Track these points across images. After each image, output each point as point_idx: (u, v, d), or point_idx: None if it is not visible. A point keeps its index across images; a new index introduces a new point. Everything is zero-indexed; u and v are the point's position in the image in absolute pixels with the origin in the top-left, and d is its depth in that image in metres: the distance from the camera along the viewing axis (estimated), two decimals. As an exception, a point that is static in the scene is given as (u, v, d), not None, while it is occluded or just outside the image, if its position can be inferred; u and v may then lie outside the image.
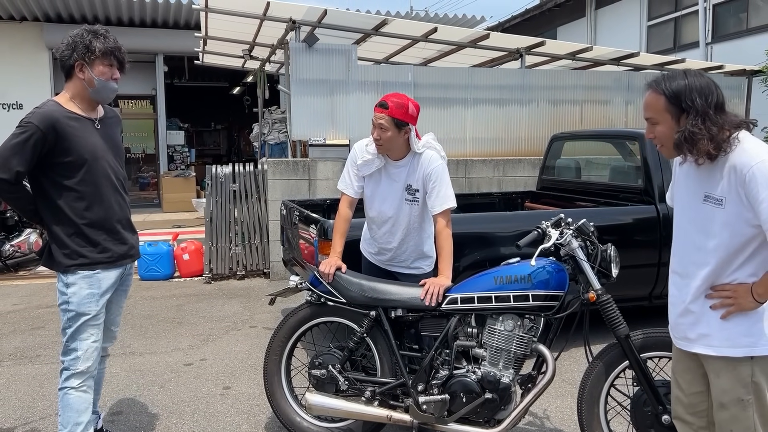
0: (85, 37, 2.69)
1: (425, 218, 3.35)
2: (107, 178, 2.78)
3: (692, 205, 2.14)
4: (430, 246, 3.43)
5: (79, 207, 2.71)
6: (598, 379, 2.76)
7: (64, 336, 2.76)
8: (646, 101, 2.13)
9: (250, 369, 4.35)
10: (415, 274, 3.40)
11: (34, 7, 11.21)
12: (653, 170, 4.86)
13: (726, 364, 2.06)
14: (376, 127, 3.16)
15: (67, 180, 2.68)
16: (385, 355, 3.05)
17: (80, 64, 2.70)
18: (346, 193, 3.38)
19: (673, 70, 2.17)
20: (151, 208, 13.24)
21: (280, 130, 9.62)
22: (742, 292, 2.02)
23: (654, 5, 13.44)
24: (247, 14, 7.82)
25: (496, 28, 16.73)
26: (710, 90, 2.03)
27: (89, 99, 2.77)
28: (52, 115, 2.63)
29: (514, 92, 8.19)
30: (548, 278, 2.78)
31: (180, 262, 7.41)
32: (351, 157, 3.39)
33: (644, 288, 4.77)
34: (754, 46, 10.30)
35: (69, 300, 2.72)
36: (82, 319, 2.73)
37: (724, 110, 2.04)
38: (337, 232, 3.33)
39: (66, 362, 2.76)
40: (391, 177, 3.30)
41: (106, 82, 2.74)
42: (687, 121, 2.03)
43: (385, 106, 3.14)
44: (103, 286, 2.78)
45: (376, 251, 3.47)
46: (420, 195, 3.26)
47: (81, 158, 2.68)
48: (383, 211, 3.33)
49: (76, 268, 2.72)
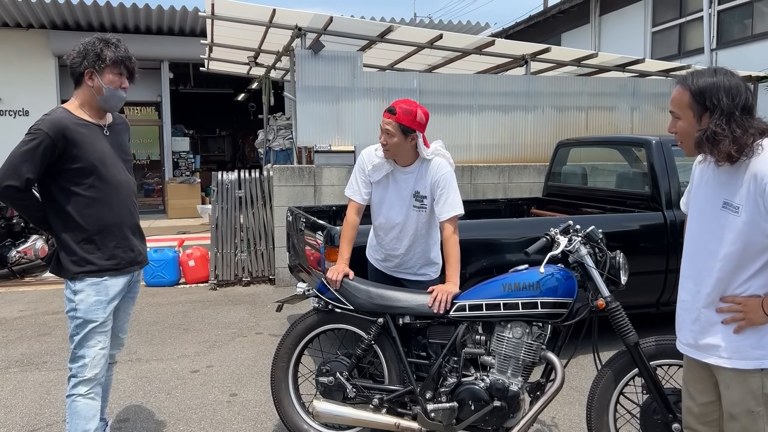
0: (96, 46, 2.70)
1: (432, 225, 3.35)
2: (116, 185, 2.79)
3: (710, 211, 2.10)
4: (437, 253, 3.42)
5: (87, 213, 2.71)
6: (607, 387, 2.75)
7: (71, 343, 2.76)
8: (673, 95, 2.11)
9: (256, 376, 4.34)
10: (422, 280, 3.40)
11: (41, 15, 11.28)
12: (660, 177, 4.85)
13: (736, 376, 2.03)
14: (383, 132, 3.17)
15: (77, 186, 2.68)
16: (392, 363, 3.05)
17: (90, 72, 2.71)
18: (354, 200, 3.38)
19: (705, 68, 2.12)
20: (156, 214, 13.27)
21: (285, 137, 9.65)
22: (753, 307, 1.98)
23: (658, 11, 13.45)
24: (253, 21, 7.85)
25: (500, 34, 16.75)
26: (739, 91, 1.99)
27: (98, 107, 2.79)
28: (61, 122, 2.64)
29: (520, 99, 8.19)
30: (557, 285, 2.77)
31: (185, 269, 7.41)
32: (359, 164, 3.39)
33: (652, 295, 4.75)
34: (759, 52, 10.30)
35: (77, 307, 2.72)
36: (90, 326, 2.73)
37: (751, 113, 1.99)
38: (345, 239, 3.32)
39: (74, 369, 2.75)
40: (399, 183, 3.30)
41: (115, 90, 2.76)
42: (711, 120, 2.00)
43: (393, 112, 3.15)
44: (110, 293, 2.78)
45: (383, 258, 3.46)
46: (428, 202, 3.26)
47: (90, 165, 2.69)
48: (391, 217, 3.33)
49: (84, 275, 2.72)
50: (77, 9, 10.90)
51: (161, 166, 13.81)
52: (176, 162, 14.07)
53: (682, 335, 2.22)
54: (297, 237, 5.26)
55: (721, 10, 11.83)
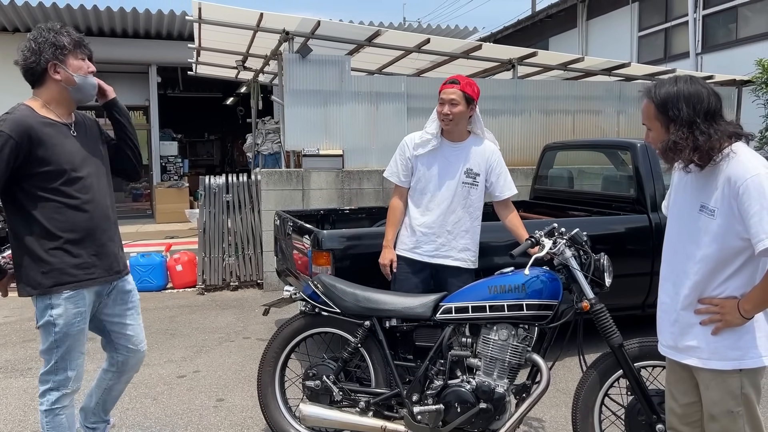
0: (47, 36, 2.49)
1: (478, 206, 3.53)
2: (89, 187, 2.59)
3: (687, 214, 2.14)
4: (477, 240, 3.58)
5: (58, 219, 2.50)
6: (593, 389, 2.77)
7: (50, 356, 2.58)
8: (642, 108, 2.15)
9: (243, 381, 4.32)
10: (460, 267, 3.50)
11: (27, 19, 11.20)
12: (645, 180, 4.89)
13: (715, 377, 2.06)
14: (447, 102, 3.35)
15: (45, 191, 2.48)
16: (379, 366, 3.05)
17: (53, 65, 2.50)
18: (392, 180, 3.56)
19: (667, 77, 2.15)
20: (144, 218, 13.18)
21: (274, 141, 9.64)
22: (729, 308, 2.01)
23: (644, 16, 13.57)
24: (241, 25, 7.84)
25: (488, 38, 16.84)
26: (700, 98, 2.00)
27: (68, 102, 2.58)
28: (25, 121, 2.44)
29: (507, 102, 8.22)
30: (542, 288, 2.79)
31: (173, 273, 7.37)
32: (401, 147, 3.58)
33: (637, 297, 4.78)
34: (743, 56, 10.40)
35: (55, 322, 2.52)
36: (72, 339, 2.57)
37: (716, 119, 2.00)
38: (391, 224, 3.54)
39: (56, 382, 2.60)
40: (448, 159, 3.45)
41: (85, 77, 2.56)
42: (672, 129, 2.03)
43: (456, 82, 3.37)
44: (88, 301, 2.62)
45: (422, 242, 3.50)
46: (480, 180, 3.45)
47: (59, 167, 2.49)
48: (439, 192, 3.45)
49: (60, 287, 2.51)
50: (63, 13, 10.83)
51: (149, 170, 13.72)
52: (164, 166, 13.98)
53: (663, 337, 2.24)
54: (285, 241, 5.26)
55: (706, 15, 11.96)
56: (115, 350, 2.88)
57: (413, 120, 7.55)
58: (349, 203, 7.28)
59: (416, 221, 3.52)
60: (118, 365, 2.90)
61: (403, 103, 7.64)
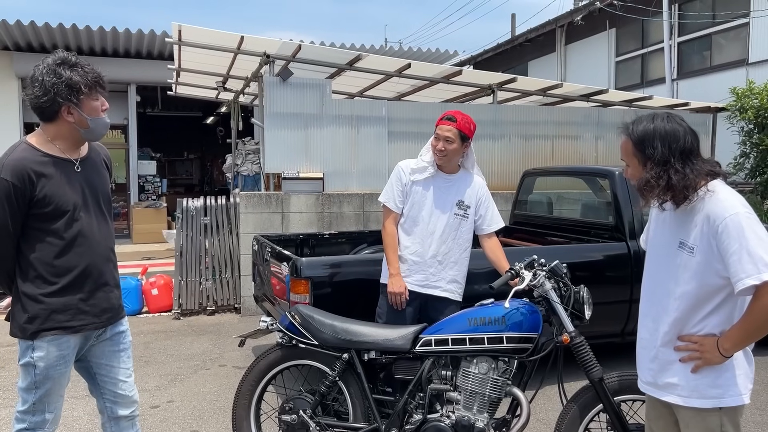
0: (61, 75, 2.30)
1: (467, 238, 3.54)
2: (90, 229, 2.46)
3: (666, 250, 2.13)
4: (464, 274, 3.58)
5: (52, 262, 2.39)
6: (573, 423, 2.74)
7: (27, 395, 2.45)
8: (621, 144, 2.15)
9: (218, 411, 4.22)
10: (448, 298, 3.48)
11: (4, 36, 11.08)
12: (623, 207, 4.92)
13: (695, 415, 2.04)
14: (442, 139, 3.38)
15: (42, 232, 2.37)
16: (357, 400, 2.99)
17: (67, 107, 2.35)
18: (388, 205, 3.53)
19: (645, 114, 2.15)
20: (121, 239, 12.98)
21: (254, 162, 9.58)
22: (709, 346, 2.00)
23: (621, 42, 13.82)
24: (221, 48, 7.83)
25: (469, 61, 17.01)
26: (676, 136, 2.00)
27: (76, 139, 2.45)
28: (22, 163, 2.32)
29: (486, 127, 8.26)
30: (522, 320, 2.77)
31: (148, 297, 7.23)
32: (397, 173, 3.57)
33: (616, 325, 4.78)
34: (717, 83, 10.62)
35: (36, 364, 2.41)
36: (53, 382, 2.46)
37: (692, 158, 2.00)
38: (392, 249, 3.49)
39: (32, 423, 2.47)
40: (441, 189, 3.48)
41: (99, 118, 2.43)
42: (649, 166, 2.03)
43: (453, 120, 3.38)
44: (72, 345, 2.48)
45: (415, 270, 3.48)
46: (470, 212, 3.49)
47: (60, 208, 2.37)
48: (431, 221, 3.45)
49: (44, 333, 2.40)
50: (42, 31, 10.73)
51: (127, 189, 13.57)
52: (142, 186, 13.83)
53: (642, 374, 2.23)
54: (262, 266, 5.19)
55: (681, 42, 12.22)
56: (101, 395, 2.69)
57: (394, 144, 7.56)
58: (329, 226, 7.23)
59: (407, 249, 3.50)
60: (108, 413, 2.70)
61: (384, 126, 7.64)
